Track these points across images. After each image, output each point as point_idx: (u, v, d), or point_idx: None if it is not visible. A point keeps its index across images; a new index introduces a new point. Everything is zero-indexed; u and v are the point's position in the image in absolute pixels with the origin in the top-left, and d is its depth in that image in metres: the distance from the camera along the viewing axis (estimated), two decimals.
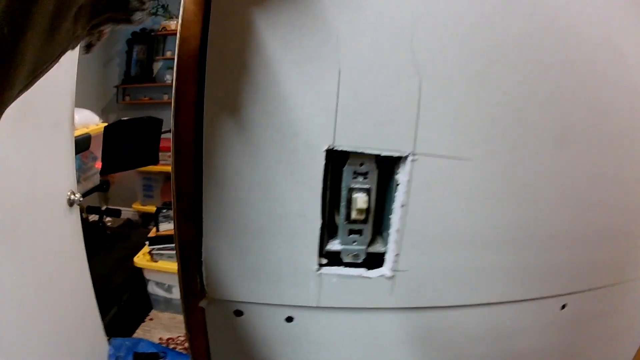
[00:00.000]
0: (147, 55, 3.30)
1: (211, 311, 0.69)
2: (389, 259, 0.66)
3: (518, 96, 0.66)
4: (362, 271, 0.66)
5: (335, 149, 0.61)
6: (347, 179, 0.63)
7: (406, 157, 0.63)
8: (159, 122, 2.35)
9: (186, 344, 2.03)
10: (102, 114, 2.40)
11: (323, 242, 0.64)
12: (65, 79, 1.30)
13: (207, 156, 0.60)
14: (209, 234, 0.62)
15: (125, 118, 2.29)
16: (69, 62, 1.21)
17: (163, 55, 3.28)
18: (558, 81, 0.67)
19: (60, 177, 1.33)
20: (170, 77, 3.25)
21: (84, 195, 1.71)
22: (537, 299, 0.78)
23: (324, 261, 0.65)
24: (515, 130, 0.66)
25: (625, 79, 0.71)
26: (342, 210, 0.64)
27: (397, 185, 0.64)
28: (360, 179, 0.63)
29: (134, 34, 3.37)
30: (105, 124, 2.07)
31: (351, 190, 0.63)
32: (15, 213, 1.06)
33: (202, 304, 0.67)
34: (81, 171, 2.18)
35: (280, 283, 0.65)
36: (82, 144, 1.89)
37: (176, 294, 2.33)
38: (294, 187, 0.61)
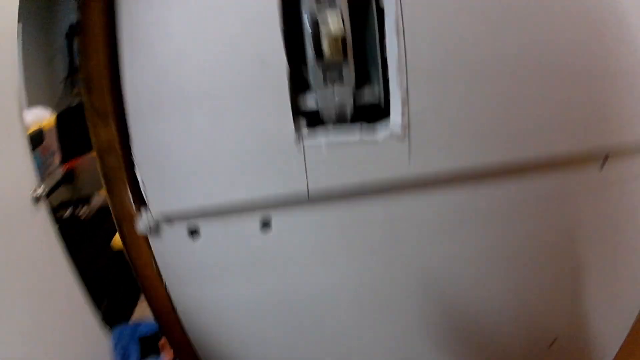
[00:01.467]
0: None
1: (158, 236, 0.52)
2: (394, 104, 0.48)
3: None
4: (360, 133, 0.49)
5: None
6: (308, 2, 0.46)
7: None
8: None
9: None
10: (57, 108, 2.26)
11: (296, 101, 0.48)
12: (8, 78, 1.19)
13: None
14: (135, 116, 0.46)
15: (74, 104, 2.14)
16: (10, 61, 1.08)
17: None
18: None
19: (19, 178, 1.21)
20: None
21: (50, 190, 1.62)
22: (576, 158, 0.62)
23: (304, 128, 0.49)
24: None
25: None
26: (309, 47, 0.47)
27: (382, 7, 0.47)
28: (326, 3, 0.47)
29: (70, 27, 3.16)
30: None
31: (317, 18, 0.46)
32: None
33: (142, 225, 0.49)
34: (43, 168, 2.10)
35: (251, 171, 0.49)
36: (36, 139, 1.82)
37: None
38: (245, 25, 0.45)
